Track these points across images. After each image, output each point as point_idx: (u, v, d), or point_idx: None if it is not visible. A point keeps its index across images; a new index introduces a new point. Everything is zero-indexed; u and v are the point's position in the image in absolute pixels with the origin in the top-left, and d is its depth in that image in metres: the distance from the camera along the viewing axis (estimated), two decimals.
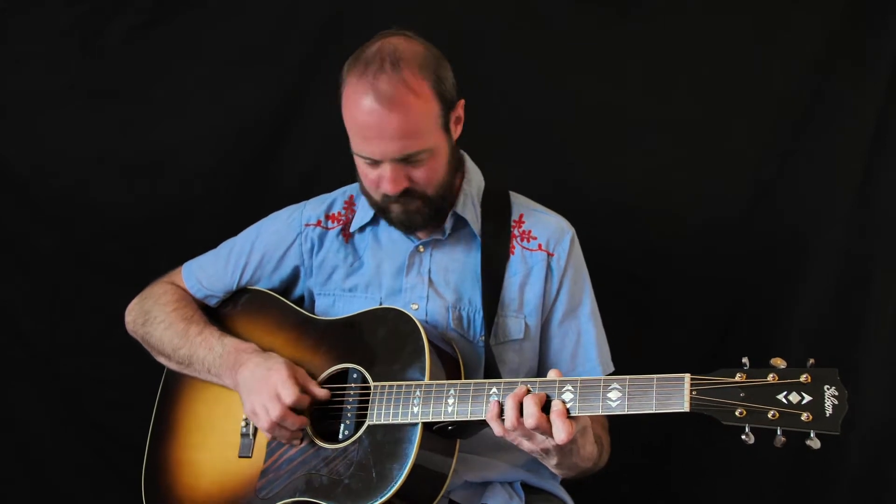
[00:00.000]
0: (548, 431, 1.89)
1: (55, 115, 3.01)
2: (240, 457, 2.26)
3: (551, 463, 2.01)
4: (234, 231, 2.49)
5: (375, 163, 2.13)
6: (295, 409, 2.13)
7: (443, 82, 2.13)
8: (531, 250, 2.30)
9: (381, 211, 2.23)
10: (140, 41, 2.98)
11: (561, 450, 1.94)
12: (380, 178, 2.14)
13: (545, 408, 1.90)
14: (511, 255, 2.29)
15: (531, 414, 1.88)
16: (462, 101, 2.21)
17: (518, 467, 2.29)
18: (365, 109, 2.07)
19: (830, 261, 2.87)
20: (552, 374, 1.95)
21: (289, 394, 2.11)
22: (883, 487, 2.84)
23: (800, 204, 2.89)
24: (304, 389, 2.15)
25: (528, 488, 2.31)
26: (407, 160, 2.11)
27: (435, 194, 2.19)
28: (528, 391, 1.92)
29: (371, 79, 2.07)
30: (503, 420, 1.93)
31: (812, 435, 1.70)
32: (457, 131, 2.22)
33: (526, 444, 1.96)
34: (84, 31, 2.98)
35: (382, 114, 2.06)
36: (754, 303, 2.92)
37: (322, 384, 2.19)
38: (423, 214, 2.20)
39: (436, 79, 2.11)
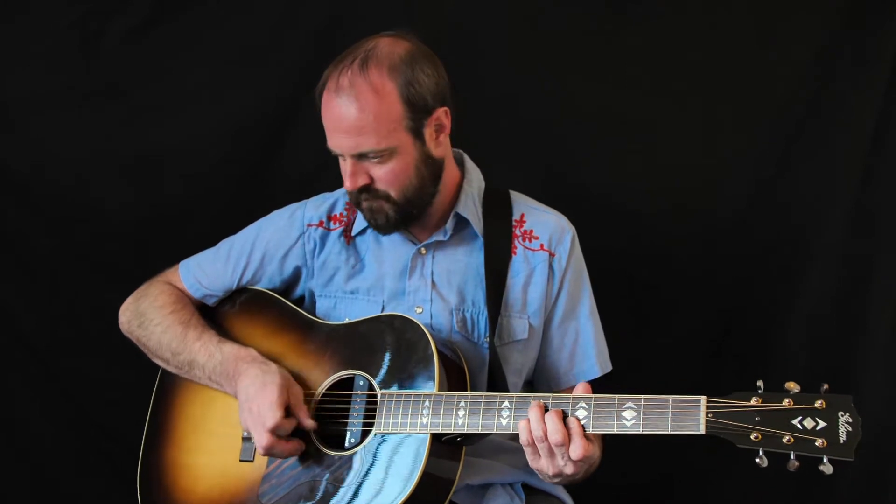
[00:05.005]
0: (567, 446, 1.89)
1: (55, 115, 3.00)
2: (241, 461, 2.24)
3: (562, 478, 1.99)
4: (234, 231, 2.48)
5: (343, 157, 2.17)
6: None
7: (413, 86, 2.12)
8: (533, 250, 2.30)
9: (356, 206, 2.25)
10: (140, 41, 2.98)
11: (575, 465, 1.92)
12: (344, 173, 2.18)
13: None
14: (513, 255, 2.29)
15: (556, 430, 1.88)
16: (444, 109, 2.18)
17: (519, 469, 2.28)
18: (326, 103, 2.14)
19: (830, 261, 2.88)
20: (579, 388, 1.95)
21: (270, 419, 2.09)
22: (883, 488, 2.85)
23: (800, 204, 2.89)
24: (293, 414, 2.13)
25: (528, 489, 2.31)
26: (364, 157, 2.14)
27: (400, 197, 2.18)
28: (547, 407, 1.92)
29: (337, 74, 2.12)
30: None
31: (825, 460, 1.73)
32: (438, 139, 2.20)
33: (543, 463, 1.95)
34: (84, 31, 2.97)
35: (339, 108, 2.11)
36: (754, 303, 2.93)
37: (327, 390, 2.18)
38: (386, 215, 2.20)
39: (405, 81, 2.12)
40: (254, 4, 3.01)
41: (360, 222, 2.33)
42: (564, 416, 1.91)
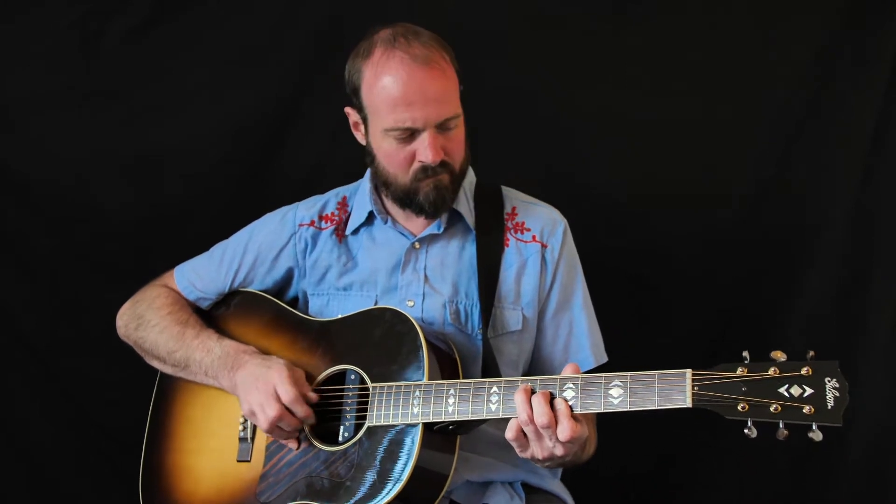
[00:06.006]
0: (554, 428, 1.89)
1: (55, 115, 3.01)
2: (238, 461, 2.25)
3: (553, 461, 1.99)
4: (234, 231, 2.49)
5: (412, 135, 2.15)
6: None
7: (454, 57, 2.19)
8: (525, 241, 2.31)
9: (408, 195, 2.22)
10: (140, 41, 2.98)
11: (564, 446, 1.92)
12: (415, 152, 2.16)
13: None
14: (506, 247, 2.30)
15: (542, 413, 1.88)
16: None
17: (519, 467, 2.28)
18: (404, 76, 2.11)
19: (830, 260, 2.88)
20: (568, 369, 1.95)
21: (286, 392, 2.11)
22: (883, 488, 2.84)
23: (799, 204, 2.89)
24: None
25: (528, 488, 2.31)
26: (443, 126, 2.14)
27: (459, 171, 2.22)
28: (534, 390, 1.92)
29: (405, 47, 2.12)
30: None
31: (814, 427, 1.71)
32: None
33: (532, 449, 1.94)
34: (84, 31, 2.98)
35: (425, 76, 2.11)
36: (754, 303, 2.93)
37: (319, 386, 2.19)
38: (449, 191, 2.22)
39: (449, 53, 2.18)
40: (254, 4, 3.01)
41: (354, 220, 2.35)
42: (552, 399, 1.91)
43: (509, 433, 1.94)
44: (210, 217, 2.97)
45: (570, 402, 1.91)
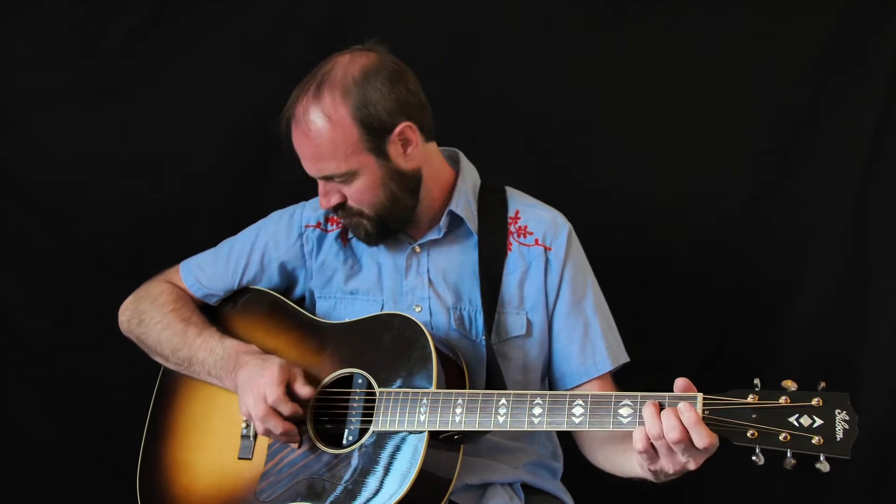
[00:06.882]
0: (686, 441, 1.80)
1: (55, 115, 3.00)
2: (239, 458, 2.25)
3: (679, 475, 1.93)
4: (234, 231, 2.49)
5: None
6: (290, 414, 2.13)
7: (367, 107, 2.13)
8: (528, 245, 2.30)
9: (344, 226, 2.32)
10: (140, 41, 2.98)
11: (698, 458, 1.84)
12: None
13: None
14: (509, 252, 2.29)
15: (672, 427, 1.79)
16: (408, 124, 2.16)
17: (518, 469, 2.28)
18: (290, 132, 2.19)
19: (830, 261, 2.88)
20: (681, 384, 1.86)
21: (272, 394, 2.11)
22: (883, 487, 2.85)
23: (799, 205, 2.89)
24: (289, 389, 2.14)
25: (528, 489, 2.31)
26: (329, 179, 2.18)
27: (373, 213, 2.21)
28: (662, 406, 1.84)
29: (294, 102, 2.17)
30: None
31: (822, 458, 1.72)
32: (407, 153, 2.19)
33: (662, 463, 1.86)
34: (84, 31, 2.98)
35: (297, 138, 2.18)
36: (754, 303, 2.93)
37: (326, 388, 2.18)
38: (365, 229, 2.24)
39: (358, 104, 2.12)
40: (254, 4, 3.01)
41: None
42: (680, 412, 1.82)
43: (639, 445, 1.84)
44: (210, 217, 2.97)
45: (578, 420, 1.90)
